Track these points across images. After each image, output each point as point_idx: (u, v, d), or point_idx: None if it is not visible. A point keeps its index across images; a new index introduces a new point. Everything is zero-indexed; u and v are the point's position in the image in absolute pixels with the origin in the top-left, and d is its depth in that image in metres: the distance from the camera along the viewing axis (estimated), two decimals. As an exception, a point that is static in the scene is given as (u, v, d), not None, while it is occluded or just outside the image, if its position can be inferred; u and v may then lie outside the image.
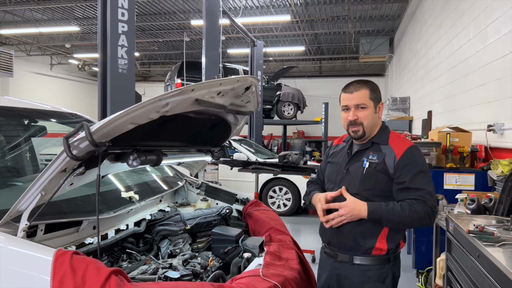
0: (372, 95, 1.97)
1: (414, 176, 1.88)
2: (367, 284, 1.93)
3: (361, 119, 1.96)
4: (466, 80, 5.55)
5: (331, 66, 20.42)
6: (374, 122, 2.00)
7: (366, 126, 1.97)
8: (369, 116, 1.96)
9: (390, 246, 1.94)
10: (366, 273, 1.94)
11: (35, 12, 12.98)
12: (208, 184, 3.28)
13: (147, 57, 20.08)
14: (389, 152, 1.95)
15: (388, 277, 1.95)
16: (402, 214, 1.83)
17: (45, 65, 19.37)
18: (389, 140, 2.00)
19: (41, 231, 1.77)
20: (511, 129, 3.98)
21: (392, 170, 1.91)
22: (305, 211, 8.48)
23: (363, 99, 1.95)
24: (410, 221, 1.85)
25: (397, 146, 1.95)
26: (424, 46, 9.00)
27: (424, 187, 1.87)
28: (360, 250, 1.95)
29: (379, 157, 1.95)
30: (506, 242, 1.85)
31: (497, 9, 4.45)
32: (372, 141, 2.02)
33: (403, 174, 1.89)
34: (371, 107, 1.97)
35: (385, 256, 1.95)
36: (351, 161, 2.04)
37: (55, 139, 3.79)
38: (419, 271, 4.31)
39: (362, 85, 1.98)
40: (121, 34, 4.38)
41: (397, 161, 1.91)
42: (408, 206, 1.84)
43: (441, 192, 4.13)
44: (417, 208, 1.83)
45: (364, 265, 1.95)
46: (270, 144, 18.81)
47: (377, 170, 1.94)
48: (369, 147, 2.01)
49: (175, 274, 1.94)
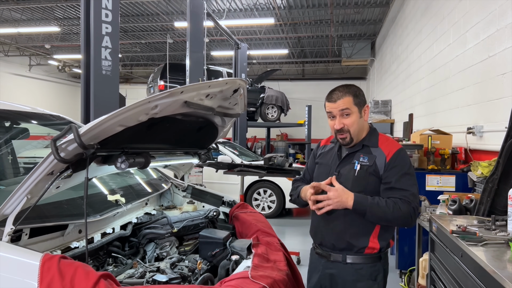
0: (355, 100, 1.98)
1: (400, 177, 1.93)
2: (360, 282, 1.97)
3: (348, 126, 1.97)
4: (446, 84, 5.68)
5: (314, 69, 20.60)
6: (361, 127, 2.02)
7: (353, 133, 1.99)
8: (355, 122, 1.98)
9: (382, 245, 1.99)
10: (359, 271, 1.98)
11: (13, 11, 12.69)
12: (194, 187, 3.27)
13: (129, 59, 19.85)
14: (379, 154, 1.99)
15: (380, 274, 2.00)
16: (387, 209, 1.87)
17: (24, 66, 18.94)
18: (379, 143, 2.03)
19: (26, 235, 1.73)
20: (490, 132, 4.09)
21: (382, 171, 1.96)
22: (289, 213, 8.52)
23: (347, 105, 1.96)
24: (393, 218, 1.89)
25: (387, 148, 2.00)
26: (405, 50, 9.18)
27: (409, 189, 1.92)
28: (353, 249, 1.98)
29: (370, 159, 1.99)
30: (488, 241, 1.90)
31: (476, 15, 4.57)
32: (363, 143, 2.04)
33: (390, 174, 1.94)
34: (356, 113, 1.98)
35: (377, 254, 2.00)
36: (342, 163, 2.06)
37: (36, 141, 3.72)
38: (402, 271, 4.38)
39: (344, 93, 1.98)
40: (105, 35, 4.33)
41: (386, 162, 1.95)
42: (392, 203, 1.88)
43: (423, 193, 4.21)
44: (401, 207, 1.87)
45: (357, 263, 1.98)
46: (254, 146, 18.83)
47: (368, 173, 1.97)
48: (360, 150, 2.03)
49: (163, 278, 1.93)
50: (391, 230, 2.05)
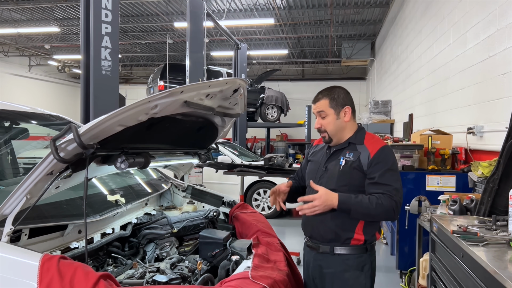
0: (331, 103, 2.14)
1: (384, 173, 2.04)
2: (347, 272, 2.09)
3: (324, 127, 2.16)
4: (446, 84, 5.68)
5: (313, 69, 20.59)
6: (339, 127, 2.16)
7: (330, 132, 2.15)
8: (330, 123, 2.14)
9: (367, 237, 2.11)
10: (346, 262, 2.10)
11: (13, 12, 12.68)
12: (194, 187, 3.26)
13: (129, 59, 19.84)
14: (363, 151, 2.11)
15: (366, 265, 2.13)
16: (369, 206, 1.98)
17: (24, 66, 18.92)
18: (365, 141, 2.16)
19: (25, 235, 1.73)
20: (490, 132, 4.09)
21: (366, 167, 2.07)
22: (289, 214, 8.51)
23: (322, 108, 2.15)
24: (376, 213, 2.00)
25: (371, 146, 2.12)
26: (405, 51, 9.18)
27: (391, 184, 2.03)
28: (339, 240, 2.10)
29: (355, 155, 2.11)
30: (489, 241, 1.90)
31: (476, 15, 4.57)
32: (349, 141, 2.17)
33: (374, 170, 2.05)
34: (332, 114, 2.14)
35: (363, 246, 2.12)
36: (329, 160, 2.20)
37: (35, 142, 3.71)
38: (403, 272, 4.38)
39: (322, 96, 2.17)
40: (105, 36, 4.33)
41: (370, 159, 2.07)
42: (375, 199, 1.99)
43: (423, 193, 4.21)
44: (383, 202, 1.98)
45: (344, 254, 2.10)
46: (254, 147, 18.82)
47: (352, 167, 2.09)
48: (346, 147, 2.17)
49: (163, 278, 1.92)
50: (375, 224, 2.16)
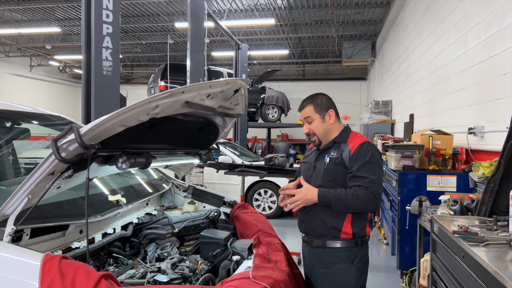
0: (316, 109, 2.33)
1: (362, 166, 2.18)
2: (337, 264, 2.22)
3: (313, 130, 2.35)
4: (447, 84, 5.67)
5: (314, 69, 20.58)
6: (326, 129, 2.35)
7: (319, 135, 2.35)
8: (317, 126, 2.34)
9: (355, 231, 2.23)
10: (337, 254, 2.23)
11: (14, 12, 12.70)
12: (195, 187, 3.26)
13: (130, 59, 19.85)
14: (346, 148, 2.29)
15: (356, 258, 2.24)
16: (346, 198, 2.13)
17: (25, 67, 18.94)
18: (348, 139, 2.33)
19: (27, 235, 1.73)
20: (491, 132, 4.08)
21: (348, 162, 2.24)
22: (290, 214, 8.51)
23: (308, 114, 2.34)
24: (353, 204, 2.14)
25: (352, 142, 2.29)
26: (405, 51, 9.17)
27: (368, 176, 2.16)
28: (330, 235, 2.25)
29: (338, 152, 2.29)
30: (490, 242, 1.89)
31: (476, 15, 4.57)
32: (334, 141, 2.36)
33: (353, 164, 2.21)
34: (318, 119, 2.33)
35: (353, 240, 2.24)
36: (317, 159, 2.40)
37: (37, 142, 3.72)
38: (403, 272, 4.38)
39: (307, 103, 2.36)
40: (106, 36, 4.34)
41: (351, 154, 2.24)
42: (352, 191, 2.14)
43: (424, 193, 4.21)
44: (359, 193, 2.12)
45: (334, 247, 2.24)
46: (255, 147, 18.82)
47: (336, 164, 2.27)
48: (331, 146, 2.35)
49: (164, 278, 1.92)
50: (364, 217, 2.28)
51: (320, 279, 2.28)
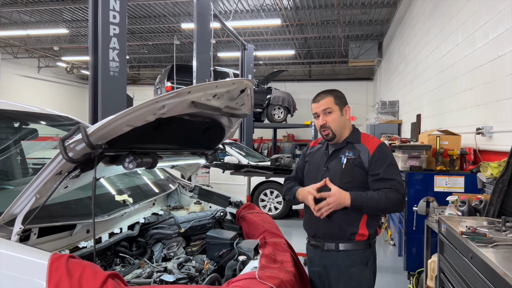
0: (336, 100, 2.27)
1: (386, 168, 2.16)
2: (352, 267, 2.17)
3: (329, 123, 2.25)
4: (455, 84, 5.63)
5: (320, 70, 20.54)
6: (342, 124, 2.29)
7: (334, 129, 2.26)
8: (335, 119, 2.26)
9: (370, 232, 2.21)
10: (351, 257, 2.18)
11: (22, 14, 12.82)
12: (201, 187, 3.27)
13: (137, 60, 19.95)
14: (362, 149, 2.23)
15: (370, 260, 2.21)
16: (380, 201, 2.10)
17: (33, 68, 19.10)
18: (361, 139, 2.29)
19: (35, 235, 1.75)
20: (499, 132, 4.04)
21: (367, 164, 2.19)
22: (296, 214, 8.49)
23: (328, 104, 2.26)
24: (386, 206, 2.12)
25: (369, 144, 2.25)
26: (412, 51, 9.12)
27: (395, 178, 2.16)
28: (344, 237, 2.19)
29: (355, 153, 2.23)
30: (499, 243, 1.87)
31: (484, 15, 4.53)
32: (347, 141, 2.30)
33: (376, 166, 2.17)
34: (337, 111, 2.27)
35: (367, 241, 2.21)
36: (329, 159, 2.31)
37: (44, 142, 3.75)
38: (410, 273, 4.35)
39: (326, 94, 2.29)
40: (113, 37, 4.36)
41: (370, 156, 2.19)
42: (384, 194, 2.11)
43: (431, 194, 4.17)
44: (391, 196, 2.10)
45: (349, 250, 2.19)
46: (261, 147, 18.82)
47: (354, 165, 2.21)
48: (345, 146, 2.29)
49: (171, 278, 1.93)
50: (377, 218, 2.28)
51: (334, 283, 2.20)
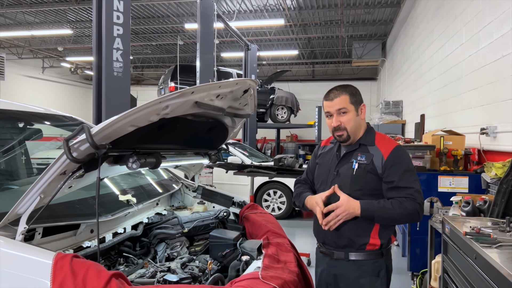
0: (352, 99, 2.04)
1: (402, 175, 1.96)
2: (363, 278, 2.02)
3: (344, 124, 2.03)
4: (459, 84, 5.61)
5: (324, 70, 20.52)
6: (358, 125, 2.07)
7: (349, 130, 2.04)
8: (351, 119, 2.03)
9: (383, 241, 2.03)
10: (362, 268, 2.02)
11: (27, 15, 12.89)
12: (204, 187, 3.27)
13: (140, 61, 20.01)
14: (376, 153, 2.02)
15: (382, 270, 2.04)
16: (393, 211, 1.92)
17: (37, 68, 19.20)
18: (376, 141, 2.07)
19: (39, 234, 1.75)
20: (504, 132, 4.02)
21: (380, 170, 1.99)
22: (300, 214, 8.49)
23: (343, 104, 2.02)
24: (400, 217, 1.94)
25: (383, 147, 2.03)
26: (416, 50, 9.09)
27: (412, 185, 1.95)
28: (354, 246, 2.03)
29: (367, 158, 2.03)
30: (503, 243, 1.87)
31: (489, 14, 4.51)
32: (360, 142, 2.08)
33: (391, 173, 1.97)
34: (353, 111, 2.04)
35: (379, 251, 2.04)
36: (340, 163, 2.11)
37: (49, 143, 3.77)
38: (414, 274, 4.34)
39: (341, 91, 2.04)
40: (117, 37, 4.38)
41: (384, 161, 1.99)
42: (398, 203, 1.92)
43: (435, 194, 4.16)
44: (407, 206, 1.92)
45: (359, 260, 2.03)
46: (264, 147, 18.82)
47: (366, 171, 2.01)
48: (357, 149, 2.08)
49: (174, 277, 1.93)
50: (391, 227, 2.08)
51: None
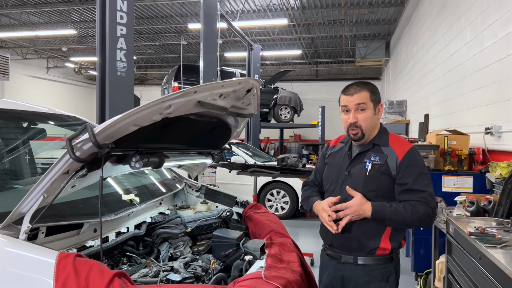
0: (372, 97, 1.97)
1: (416, 178, 1.90)
2: (372, 283, 1.95)
3: (360, 122, 1.96)
4: (463, 84, 5.58)
5: (327, 69, 20.49)
6: (373, 124, 2.00)
7: (365, 129, 1.97)
8: (368, 118, 1.96)
9: (394, 246, 1.97)
10: (371, 273, 1.95)
11: (31, 15, 12.94)
12: (207, 187, 3.27)
13: (144, 61, 20.06)
14: (390, 154, 1.95)
15: (392, 275, 1.97)
16: (405, 214, 1.86)
17: (41, 69, 19.29)
18: (390, 142, 2.01)
19: (42, 233, 1.76)
20: (508, 132, 4.00)
21: (394, 171, 1.92)
22: (303, 214, 8.48)
23: (363, 99, 1.95)
24: (412, 221, 1.88)
25: (398, 148, 1.97)
26: (420, 50, 9.06)
27: (426, 189, 1.89)
28: (364, 250, 1.96)
29: (381, 158, 1.96)
30: (508, 243, 1.85)
31: (493, 13, 4.48)
32: (373, 142, 2.01)
33: (405, 175, 1.91)
34: (371, 109, 1.97)
35: (389, 256, 1.97)
36: (352, 163, 2.04)
37: (53, 142, 3.78)
38: (418, 274, 4.31)
39: (362, 87, 1.97)
40: (120, 37, 4.39)
41: (399, 163, 1.92)
42: (410, 207, 1.86)
43: (439, 194, 4.14)
44: (419, 209, 1.86)
45: (368, 265, 1.96)
46: (267, 147, 18.81)
47: (380, 172, 1.94)
48: (370, 149, 2.01)
49: (177, 277, 1.93)
50: (403, 231, 2.02)
51: None
